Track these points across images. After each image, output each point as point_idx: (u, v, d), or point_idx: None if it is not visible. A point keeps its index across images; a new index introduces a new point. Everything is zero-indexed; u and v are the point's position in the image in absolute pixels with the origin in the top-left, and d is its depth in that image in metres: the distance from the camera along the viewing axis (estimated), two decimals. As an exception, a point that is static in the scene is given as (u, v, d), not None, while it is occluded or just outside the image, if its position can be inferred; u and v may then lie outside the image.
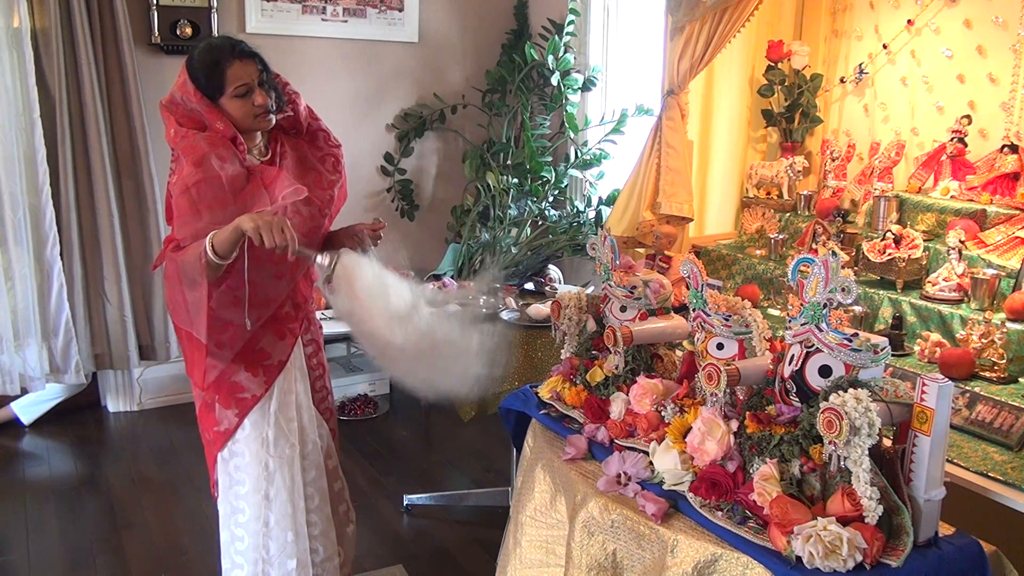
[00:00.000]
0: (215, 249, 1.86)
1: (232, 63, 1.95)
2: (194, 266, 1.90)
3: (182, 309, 2.03)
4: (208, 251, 1.86)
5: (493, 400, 3.02)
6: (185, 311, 2.02)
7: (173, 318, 2.13)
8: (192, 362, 2.13)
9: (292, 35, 4.28)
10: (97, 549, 3.03)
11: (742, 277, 3.00)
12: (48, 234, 3.80)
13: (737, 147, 3.38)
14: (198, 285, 1.94)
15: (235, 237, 1.85)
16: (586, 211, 4.36)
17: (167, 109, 2.03)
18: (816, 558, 1.35)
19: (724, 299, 1.76)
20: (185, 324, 2.05)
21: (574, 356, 2.07)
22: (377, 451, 3.87)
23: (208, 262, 1.87)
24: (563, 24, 4.29)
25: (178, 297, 2.02)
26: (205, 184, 1.93)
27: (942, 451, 1.45)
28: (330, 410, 2.37)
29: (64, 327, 3.88)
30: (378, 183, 4.65)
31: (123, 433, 4.07)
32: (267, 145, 2.13)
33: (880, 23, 3.02)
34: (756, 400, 1.61)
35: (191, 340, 2.08)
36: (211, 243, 1.86)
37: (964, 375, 2.09)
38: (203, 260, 1.87)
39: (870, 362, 1.45)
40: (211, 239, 1.86)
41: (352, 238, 2.22)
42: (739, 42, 3.16)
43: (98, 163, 3.83)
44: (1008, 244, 2.42)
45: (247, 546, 2.17)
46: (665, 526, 1.56)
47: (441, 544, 3.08)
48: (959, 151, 2.68)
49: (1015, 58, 2.59)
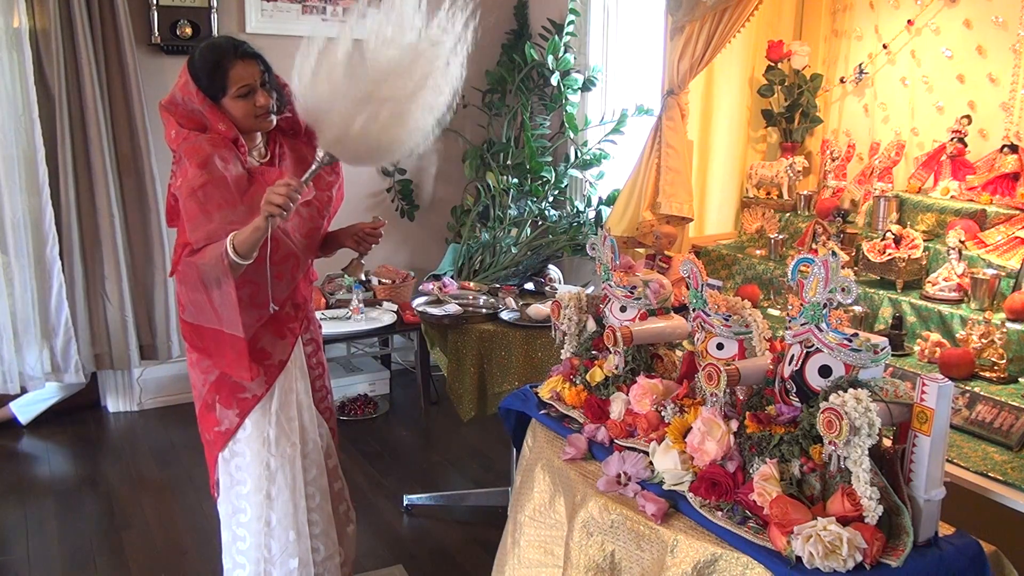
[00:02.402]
0: (236, 250, 1.87)
1: (235, 64, 1.95)
2: (216, 267, 1.92)
3: (208, 309, 2.03)
4: (230, 252, 1.87)
5: (493, 400, 3.02)
6: (212, 311, 2.02)
7: (195, 321, 2.10)
8: (219, 360, 2.10)
9: (292, 35, 4.28)
10: (97, 549, 3.03)
11: (742, 277, 3.00)
12: (48, 234, 3.80)
13: (737, 147, 3.38)
14: (224, 285, 1.95)
15: (257, 237, 1.87)
16: (586, 211, 4.36)
17: (167, 110, 2.03)
18: (816, 558, 1.35)
19: (724, 299, 1.76)
20: (212, 323, 2.04)
21: (574, 356, 2.07)
22: (377, 451, 3.87)
23: (231, 263, 1.89)
24: (563, 24, 4.29)
25: (201, 298, 2.02)
26: (212, 185, 1.93)
27: (942, 451, 1.45)
28: (329, 409, 2.37)
29: (64, 327, 3.88)
30: (378, 183, 4.66)
31: (123, 433, 4.07)
32: (266, 146, 2.13)
33: (880, 23, 3.02)
34: (756, 400, 1.61)
35: (218, 339, 2.06)
36: (232, 244, 1.87)
37: (964, 375, 2.09)
38: (226, 261, 1.89)
39: (870, 362, 1.45)
40: (232, 241, 1.88)
41: (352, 238, 2.22)
42: (739, 42, 3.15)
43: (98, 163, 3.83)
44: (1008, 244, 2.42)
45: (249, 546, 2.17)
46: (665, 526, 1.56)
47: (441, 544, 3.08)
48: (959, 151, 2.68)
49: (1015, 58, 2.59)
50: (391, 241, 4.76)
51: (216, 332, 2.04)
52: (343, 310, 3.89)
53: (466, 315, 3.10)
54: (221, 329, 2.03)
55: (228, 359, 2.06)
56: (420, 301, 3.28)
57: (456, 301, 3.24)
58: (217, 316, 2.01)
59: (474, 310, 3.16)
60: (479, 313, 3.12)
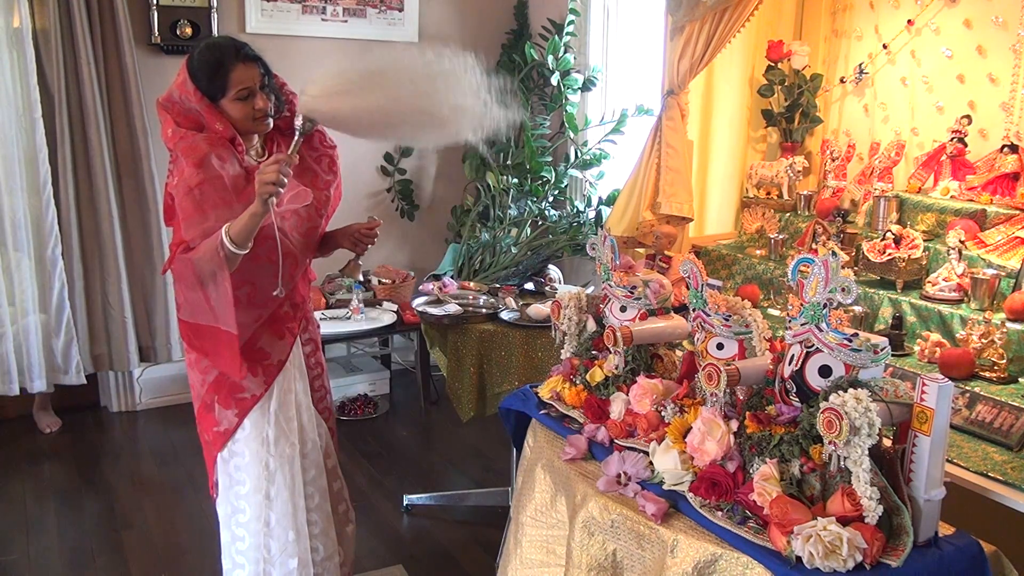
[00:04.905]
0: (233, 239, 1.86)
1: (236, 66, 1.95)
2: (211, 261, 1.90)
3: (204, 307, 2.01)
4: (226, 242, 1.86)
5: (493, 400, 3.02)
6: (208, 308, 2.01)
7: (192, 319, 2.09)
8: (215, 358, 2.09)
9: (292, 35, 4.28)
10: (97, 549, 3.03)
11: (742, 277, 3.00)
12: (49, 234, 3.80)
13: (737, 147, 3.38)
14: (219, 278, 1.94)
15: (253, 223, 1.87)
16: (586, 211, 4.36)
17: (164, 108, 2.02)
18: (816, 558, 1.35)
19: (724, 299, 1.76)
20: (209, 320, 2.03)
21: (574, 356, 2.07)
22: (377, 451, 3.87)
23: (227, 254, 1.88)
24: (563, 24, 4.29)
25: (196, 295, 2.01)
26: (208, 184, 1.93)
27: (942, 451, 1.45)
28: (328, 409, 2.37)
29: (65, 327, 3.88)
30: (378, 183, 4.66)
31: (123, 433, 4.07)
32: (263, 146, 2.13)
33: (880, 23, 3.02)
34: (756, 400, 1.61)
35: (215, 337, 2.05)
36: (228, 234, 1.86)
37: (964, 375, 2.09)
38: (222, 253, 1.88)
39: (870, 362, 1.45)
40: (227, 230, 1.87)
41: (348, 238, 2.22)
42: (739, 42, 3.15)
43: (98, 163, 3.83)
44: (1008, 244, 2.41)
45: (248, 546, 2.17)
46: (665, 526, 1.56)
47: (441, 544, 3.08)
48: (959, 151, 2.68)
49: (1015, 58, 2.59)
50: (391, 241, 4.76)
51: (213, 330, 2.03)
52: (343, 310, 3.89)
53: (466, 315, 3.10)
54: (217, 326, 2.02)
55: (223, 357, 2.05)
56: (420, 301, 3.28)
57: (456, 301, 3.24)
58: (213, 312, 2.00)
59: (474, 310, 3.16)
60: (479, 313, 3.12)
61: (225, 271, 1.91)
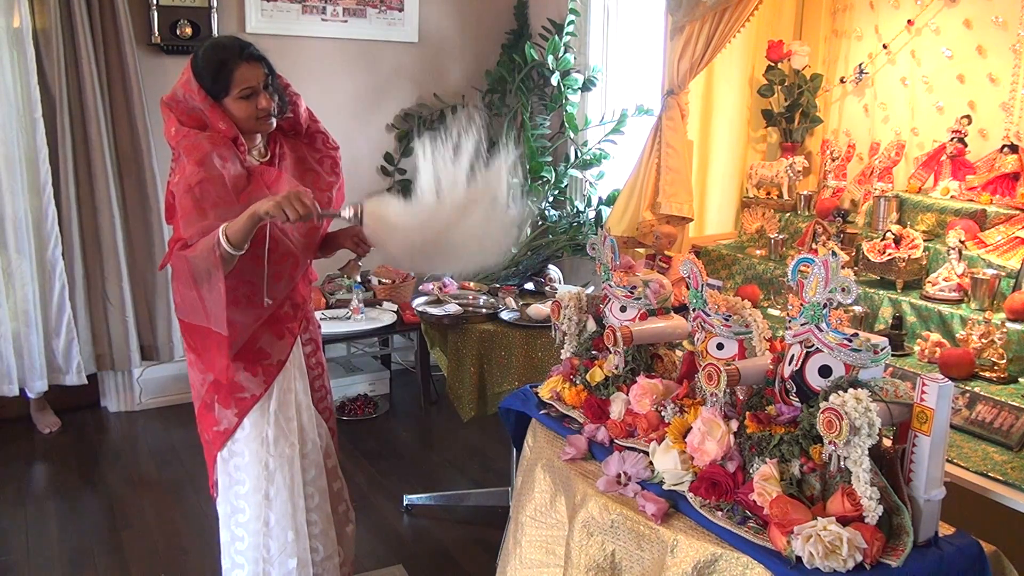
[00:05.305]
0: (229, 240, 1.86)
1: (240, 65, 1.95)
2: (207, 260, 1.89)
3: (197, 306, 2.01)
4: (223, 242, 1.86)
5: (493, 400, 3.02)
6: (201, 308, 2.00)
7: (186, 318, 2.09)
8: (206, 358, 2.09)
9: (292, 35, 4.28)
10: (97, 549, 3.03)
11: (742, 277, 3.00)
12: (50, 234, 3.80)
13: (737, 147, 3.38)
14: (213, 278, 1.93)
15: (250, 225, 1.86)
16: (586, 211, 4.36)
17: (168, 106, 2.02)
18: (816, 558, 1.35)
19: (724, 299, 1.76)
20: (201, 320, 2.02)
21: (574, 356, 2.07)
22: (377, 451, 3.87)
23: (223, 254, 1.87)
24: (563, 24, 4.29)
25: (191, 294, 2.00)
26: (208, 183, 1.93)
27: (942, 451, 1.45)
28: (328, 409, 2.37)
29: (66, 327, 3.88)
30: (378, 183, 4.65)
31: (123, 433, 4.07)
32: (266, 146, 2.13)
33: (880, 23, 3.02)
34: (756, 400, 1.61)
35: (207, 336, 2.05)
36: (225, 234, 1.86)
37: (964, 375, 2.09)
38: (217, 252, 1.87)
39: (870, 362, 1.45)
40: (224, 230, 1.86)
41: (351, 239, 2.22)
42: (739, 42, 3.15)
43: (99, 163, 3.83)
44: (1008, 244, 2.42)
45: (248, 546, 2.17)
46: (665, 526, 1.56)
47: (441, 544, 3.08)
48: (959, 151, 2.68)
49: (1015, 58, 2.59)
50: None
51: (205, 330, 2.03)
52: (343, 310, 3.89)
53: (466, 315, 3.10)
54: (209, 327, 2.02)
55: (213, 357, 2.06)
56: (420, 301, 3.28)
57: (456, 301, 3.24)
58: (205, 312, 2.00)
59: (474, 310, 3.16)
60: (479, 313, 3.12)
61: (220, 271, 1.90)
